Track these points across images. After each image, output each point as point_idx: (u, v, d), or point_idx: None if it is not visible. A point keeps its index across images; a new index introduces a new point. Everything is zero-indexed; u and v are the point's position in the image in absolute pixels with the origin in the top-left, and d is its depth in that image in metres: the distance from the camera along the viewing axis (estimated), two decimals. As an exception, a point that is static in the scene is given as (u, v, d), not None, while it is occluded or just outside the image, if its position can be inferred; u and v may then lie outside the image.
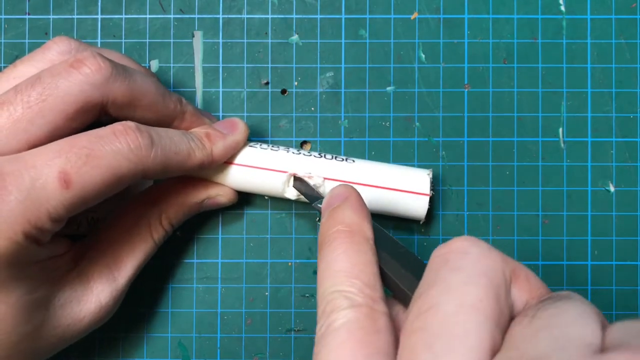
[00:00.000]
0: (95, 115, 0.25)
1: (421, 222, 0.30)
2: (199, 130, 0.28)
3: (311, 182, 0.28)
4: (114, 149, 0.23)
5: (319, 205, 0.27)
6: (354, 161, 0.29)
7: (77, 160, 0.23)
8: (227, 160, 0.29)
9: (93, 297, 0.26)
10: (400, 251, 0.23)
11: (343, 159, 0.29)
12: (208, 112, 0.30)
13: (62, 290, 0.25)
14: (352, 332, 0.19)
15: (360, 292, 0.20)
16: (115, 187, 0.24)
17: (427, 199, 0.28)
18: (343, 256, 0.22)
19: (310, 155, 0.29)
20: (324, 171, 0.29)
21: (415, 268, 0.23)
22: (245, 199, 0.30)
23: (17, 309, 0.23)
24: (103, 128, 0.24)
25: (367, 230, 0.23)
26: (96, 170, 0.23)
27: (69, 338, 0.26)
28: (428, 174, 0.29)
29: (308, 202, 0.28)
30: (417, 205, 0.29)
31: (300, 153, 0.29)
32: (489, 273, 0.18)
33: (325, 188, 0.28)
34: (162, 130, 0.26)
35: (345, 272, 0.21)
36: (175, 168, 0.26)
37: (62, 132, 0.24)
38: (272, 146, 0.29)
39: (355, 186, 0.26)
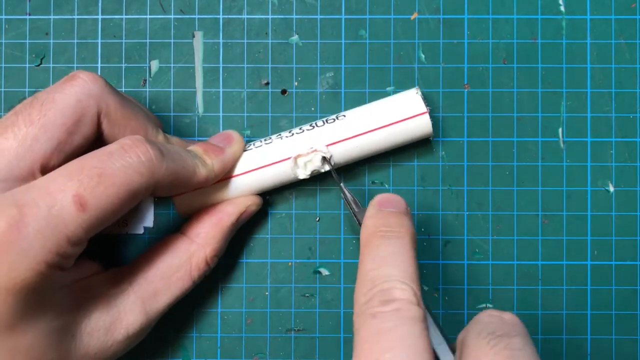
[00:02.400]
0: (93, 128, 0.25)
1: (432, 138, 0.30)
2: (196, 148, 0.28)
3: (317, 155, 0.28)
4: (124, 165, 0.23)
5: (349, 196, 0.28)
6: (345, 116, 0.29)
7: (89, 182, 0.23)
8: (232, 173, 0.29)
9: (122, 329, 0.26)
10: None
11: (334, 119, 0.29)
12: (194, 142, 0.30)
13: (90, 318, 0.25)
14: (423, 330, 0.21)
15: (421, 299, 0.22)
16: (130, 202, 0.24)
17: (427, 115, 0.29)
18: (411, 258, 0.24)
19: (302, 130, 0.29)
20: (324, 139, 0.29)
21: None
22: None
23: (45, 336, 0.23)
24: (111, 144, 0.24)
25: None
26: (110, 189, 0.23)
27: None
28: (417, 92, 0.29)
29: (317, 175, 0.29)
30: (421, 126, 0.29)
31: (292, 134, 0.29)
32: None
33: (333, 156, 0.29)
34: (167, 145, 0.26)
35: (413, 273, 0.23)
36: (182, 183, 0.26)
37: (66, 148, 0.25)
38: (265, 140, 0.29)
39: (359, 137, 0.29)
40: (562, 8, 0.32)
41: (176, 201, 0.28)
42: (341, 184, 0.29)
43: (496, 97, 0.31)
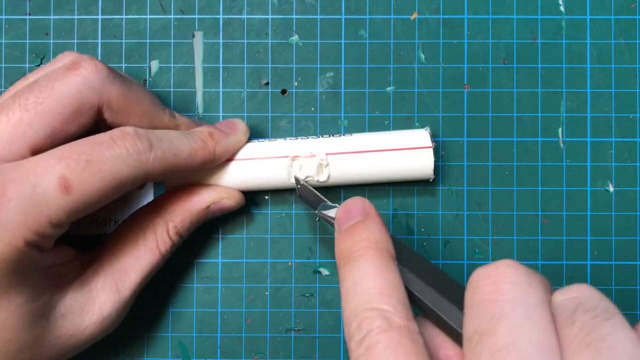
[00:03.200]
0: (92, 119, 0.25)
1: (431, 180, 0.30)
2: (202, 129, 0.28)
3: (314, 161, 0.28)
4: (113, 155, 0.23)
5: (327, 213, 0.27)
6: (351, 135, 0.29)
7: (76, 166, 0.23)
8: (228, 159, 0.29)
9: (95, 307, 0.26)
10: (421, 265, 0.23)
11: (341, 135, 0.29)
12: (203, 121, 0.30)
13: (64, 300, 0.25)
14: (398, 356, 0.19)
15: (397, 312, 0.20)
16: (116, 191, 0.24)
17: (431, 151, 0.29)
18: (374, 273, 0.22)
19: (308, 138, 0.29)
20: (325, 148, 0.29)
21: (438, 282, 0.23)
22: (245, 198, 0.30)
23: (18, 317, 0.23)
24: (102, 134, 0.24)
25: (391, 247, 0.23)
26: (96, 176, 0.23)
27: (71, 349, 0.26)
28: (426, 130, 0.29)
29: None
30: (422, 161, 0.29)
31: (297, 138, 0.29)
32: (542, 303, 0.19)
33: (330, 165, 0.28)
34: (160, 133, 0.26)
35: (379, 289, 0.21)
36: (176, 169, 0.26)
37: (60, 135, 0.24)
38: (270, 139, 0.30)
39: (359, 155, 0.28)
40: (562, 8, 0.32)
41: None
42: (318, 211, 0.27)
43: (496, 97, 0.31)
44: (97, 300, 0.26)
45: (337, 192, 0.31)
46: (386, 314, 0.20)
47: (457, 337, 0.21)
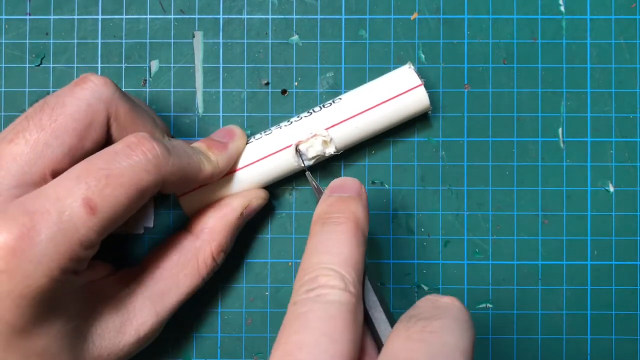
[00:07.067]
0: (103, 134, 0.25)
1: (430, 112, 0.30)
2: (199, 144, 0.28)
3: (317, 140, 0.29)
4: (131, 164, 0.23)
5: (313, 183, 0.28)
6: (341, 98, 0.29)
7: (97, 184, 0.23)
8: (236, 167, 0.29)
9: (133, 330, 0.26)
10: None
11: (331, 103, 0.29)
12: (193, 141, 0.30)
13: (101, 319, 0.25)
14: (342, 312, 0.21)
15: (354, 283, 0.22)
16: (139, 201, 0.24)
17: (422, 88, 0.29)
18: (347, 243, 0.23)
19: (300, 118, 0.29)
20: (322, 123, 0.29)
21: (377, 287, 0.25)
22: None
23: (58, 338, 0.23)
24: (117, 143, 0.24)
25: (366, 235, 0.24)
26: (118, 190, 0.23)
27: None
28: (409, 67, 0.29)
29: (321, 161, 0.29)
30: (418, 99, 0.29)
31: (291, 122, 0.29)
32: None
33: (333, 137, 0.29)
34: (172, 141, 0.26)
35: (345, 258, 0.22)
36: (189, 179, 0.26)
37: (77, 152, 0.25)
38: (265, 131, 0.30)
39: (357, 117, 0.29)
40: (562, 8, 0.32)
41: (182, 201, 0.29)
42: (307, 172, 0.29)
43: (496, 97, 0.31)
44: (134, 322, 0.26)
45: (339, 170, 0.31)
46: (345, 280, 0.22)
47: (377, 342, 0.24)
